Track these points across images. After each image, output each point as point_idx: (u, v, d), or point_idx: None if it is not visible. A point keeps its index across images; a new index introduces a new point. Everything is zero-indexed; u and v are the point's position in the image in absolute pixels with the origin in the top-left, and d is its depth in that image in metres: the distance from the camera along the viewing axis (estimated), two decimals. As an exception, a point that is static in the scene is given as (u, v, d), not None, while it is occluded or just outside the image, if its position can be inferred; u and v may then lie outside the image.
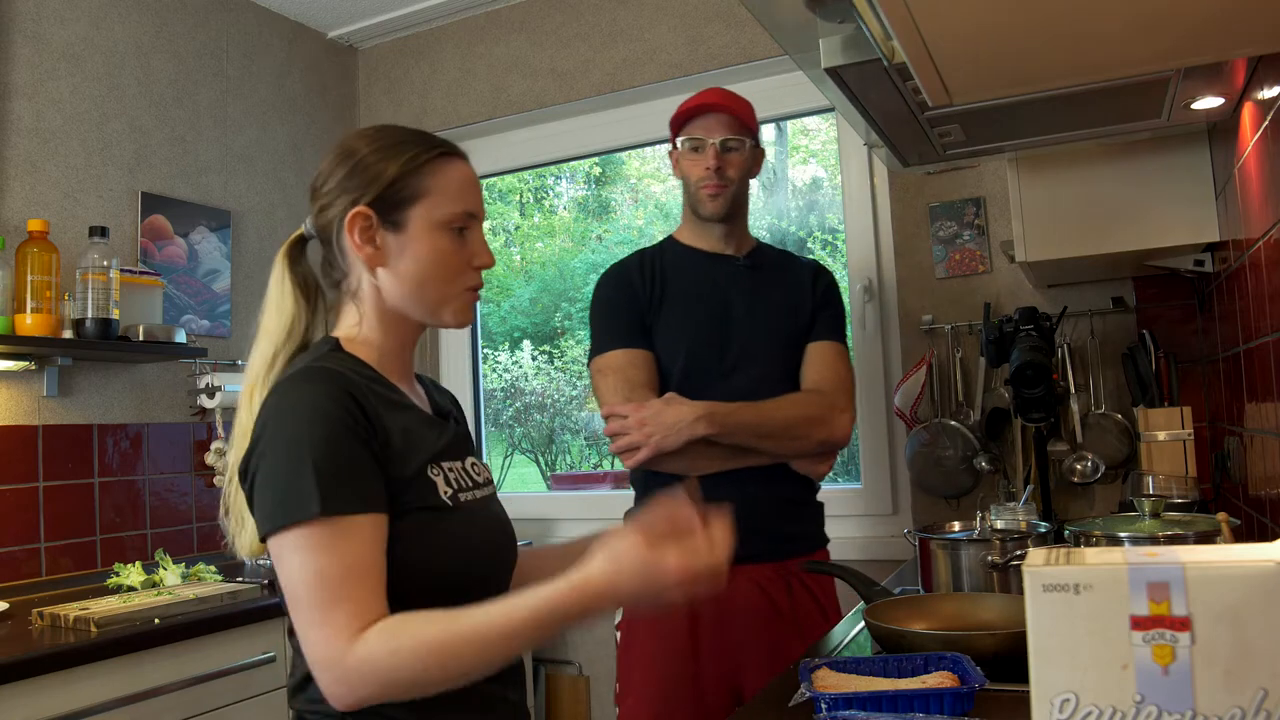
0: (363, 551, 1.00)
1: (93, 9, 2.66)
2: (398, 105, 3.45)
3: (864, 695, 1.02)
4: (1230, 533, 1.32)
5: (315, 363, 1.10)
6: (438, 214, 1.14)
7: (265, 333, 1.18)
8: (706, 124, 1.88)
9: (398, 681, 0.97)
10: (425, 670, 0.97)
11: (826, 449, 1.87)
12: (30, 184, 2.48)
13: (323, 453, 1.00)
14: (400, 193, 1.13)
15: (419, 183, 1.14)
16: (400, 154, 1.14)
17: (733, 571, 1.79)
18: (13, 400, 2.40)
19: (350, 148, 1.16)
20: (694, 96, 1.94)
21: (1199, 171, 1.92)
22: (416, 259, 1.14)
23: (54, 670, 1.74)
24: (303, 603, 0.98)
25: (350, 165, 1.15)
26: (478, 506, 1.17)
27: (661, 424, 1.75)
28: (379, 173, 1.13)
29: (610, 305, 1.93)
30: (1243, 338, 1.74)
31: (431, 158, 1.15)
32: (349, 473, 1.01)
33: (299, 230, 1.21)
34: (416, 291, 1.15)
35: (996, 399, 2.45)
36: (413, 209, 1.13)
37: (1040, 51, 1.16)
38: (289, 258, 1.20)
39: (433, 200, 1.14)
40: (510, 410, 3.70)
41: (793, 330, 1.92)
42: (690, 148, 1.90)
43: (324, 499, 0.98)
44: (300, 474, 0.99)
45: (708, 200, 1.89)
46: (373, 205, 1.13)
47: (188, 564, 2.42)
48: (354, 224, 1.13)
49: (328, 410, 1.03)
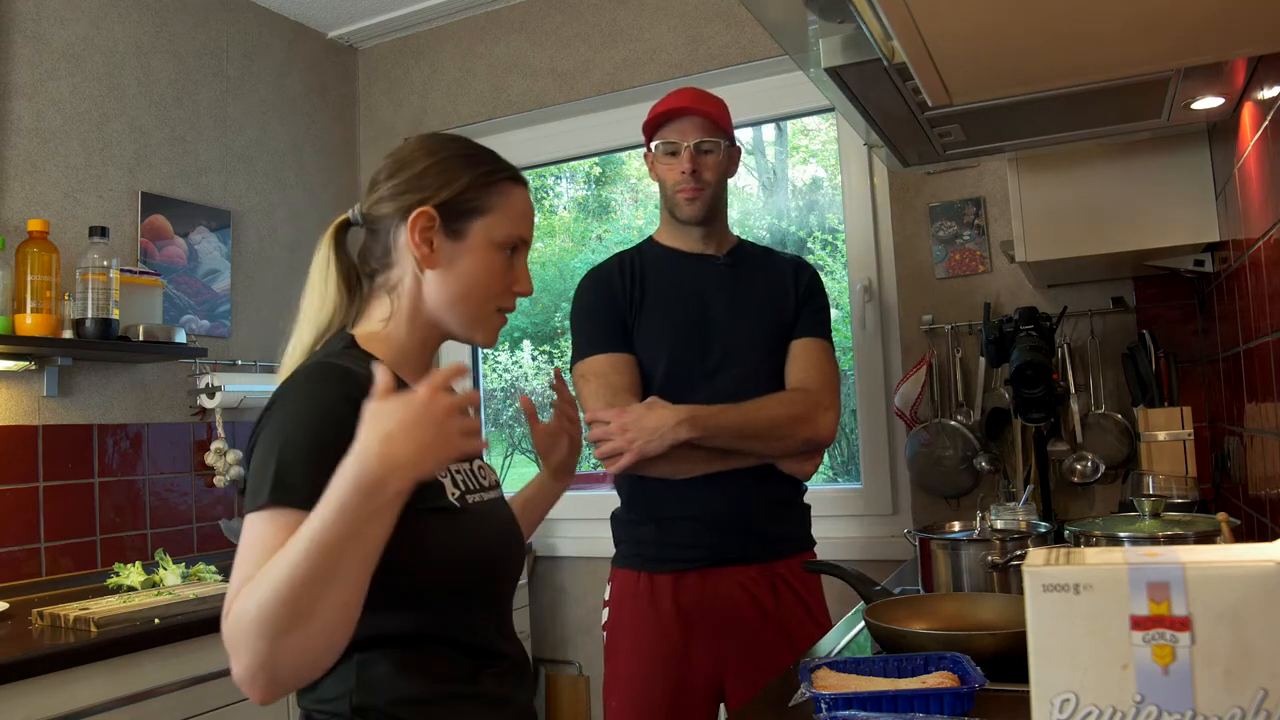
0: None
1: (93, 9, 2.66)
2: (398, 105, 3.45)
3: (864, 695, 1.02)
4: (1230, 533, 1.32)
5: (327, 359, 1.10)
6: (497, 232, 1.18)
7: (307, 320, 1.18)
8: (681, 127, 1.87)
9: (260, 621, 0.91)
10: (274, 592, 0.90)
11: (811, 448, 1.86)
12: (30, 184, 2.48)
13: (296, 448, 1.01)
14: (468, 203, 1.16)
15: (487, 198, 1.17)
16: (476, 166, 1.18)
17: (718, 573, 1.82)
18: (13, 400, 2.40)
19: (428, 147, 1.19)
20: (666, 99, 1.92)
21: (1199, 171, 1.92)
22: (468, 270, 1.17)
23: (54, 670, 1.74)
24: (234, 578, 0.97)
25: (425, 165, 1.17)
26: (485, 509, 1.17)
27: (644, 429, 1.75)
28: (452, 179, 1.16)
29: (590, 310, 1.93)
30: (1243, 338, 1.74)
31: (503, 178, 1.19)
32: (313, 473, 0.97)
33: (344, 215, 1.21)
34: (458, 302, 1.17)
35: (996, 399, 2.45)
36: (476, 221, 1.16)
37: (1040, 51, 1.16)
38: (335, 242, 1.20)
39: (495, 218, 1.17)
40: (510, 410, 3.70)
41: (775, 328, 1.91)
42: (665, 151, 1.89)
43: (274, 489, 0.98)
44: (268, 465, 1.00)
45: (685, 204, 1.89)
46: (439, 208, 1.15)
47: (188, 564, 2.42)
48: (417, 222, 1.14)
49: (321, 412, 1.03)
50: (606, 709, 1.87)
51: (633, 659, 1.83)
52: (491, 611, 1.17)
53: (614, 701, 1.85)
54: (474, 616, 1.11)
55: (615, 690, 1.85)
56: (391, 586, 1.04)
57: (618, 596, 1.89)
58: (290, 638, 0.92)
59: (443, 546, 1.09)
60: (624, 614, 1.86)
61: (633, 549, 1.89)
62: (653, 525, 1.86)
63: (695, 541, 1.82)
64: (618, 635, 1.87)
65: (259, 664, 0.93)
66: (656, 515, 1.85)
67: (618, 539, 1.94)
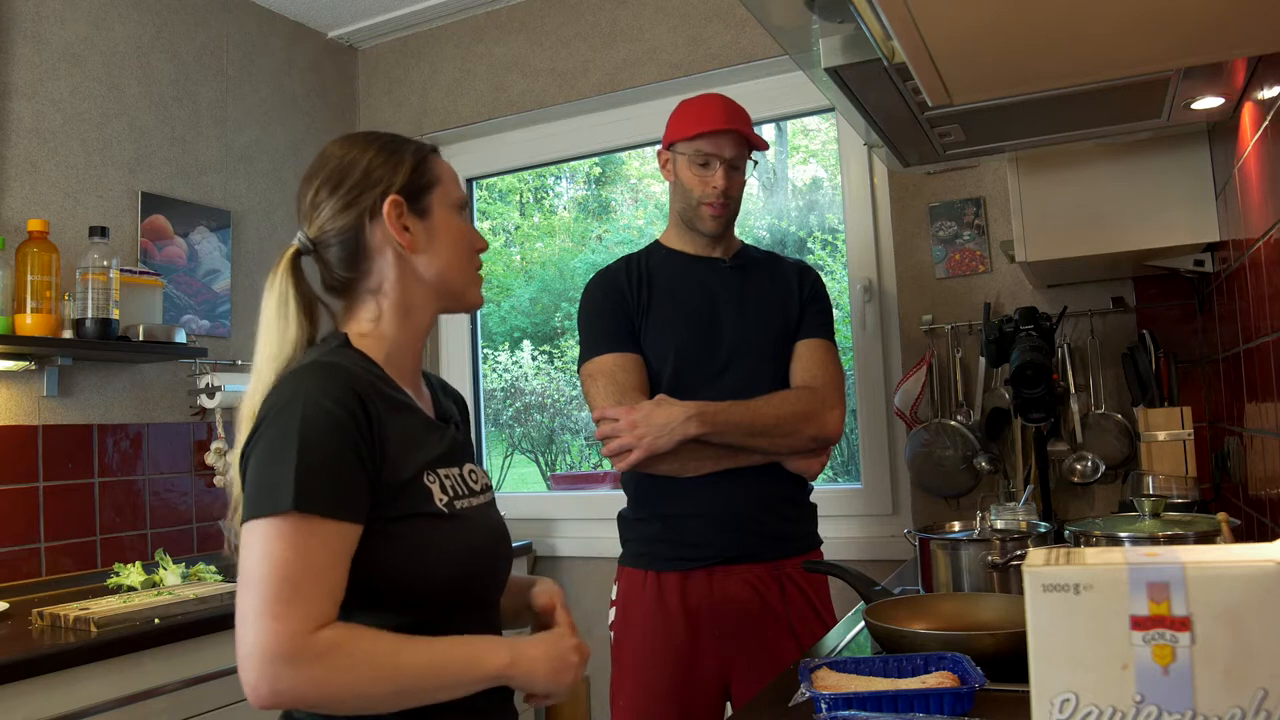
0: (325, 555, 1.00)
1: (93, 9, 2.66)
2: (398, 105, 3.45)
3: (864, 695, 1.02)
4: (1230, 533, 1.32)
5: (325, 358, 1.10)
6: (450, 197, 1.22)
7: (268, 359, 1.12)
8: (719, 142, 1.86)
9: (340, 687, 0.98)
10: (369, 684, 0.98)
11: (818, 445, 1.87)
12: (30, 184, 2.48)
13: (310, 449, 1.00)
14: (421, 179, 1.19)
15: (430, 170, 1.21)
16: (406, 146, 1.21)
17: (725, 571, 1.82)
18: (13, 400, 2.40)
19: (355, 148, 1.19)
20: (707, 109, 1.89)
21: (1199, 171, 1.92)
22: (446, 239, 1.20)
23: (54, 670, 1.74)
24: (261, 590, 0.97)
25: (366, 162, 1.17)
26: (474, 514, 1.16)
27: (653, 425, 1.76)
28: (398, 163, 1.18)
29: (599, 310, 1.93)
30: (1243, 338, 1.74)
31: (428, 150, 1.23)
32: (331, 474, 1.01)
33: (293, 247, 1.17)
34: (449, 271, 1.20)
35: (996, 399, 2.45)
36: (432, 194, 1.20)
37: (1040, 51, 1.16)
38: (291, 276, 1.15)
39: (443, 186, 1.22)
40: (510, 410, 3.70)
41: (781, 329, 1.92)
42: (697, 162, 1.88)
43: (298, 495, 0.98)
44: (283, 467, 0.99)
45: (710, 218, 1.89)
46: (400, 193, 1.17)
47: (188, 564, 2.42)
48: (390, 213, 1.16)
49: (328, 409, 1.02)
50: (613, 707, 1.87)
51: (641, 658, 1.83)
52: (479, 617, 1.17)
53: (621, 700, 1.85)
54: (461, 622, 1.11)
55: (622, 689, 1.85)
56: (380, 591, 1.05)
57: (625, 595, 1.89)
58: (335, 700, 0.99)
59: (430, 551, 1.09)
60: (632, 613, 1.86)
61: (640, 548, 1.89)
62: (660, 524, 1.86)
63: (703, 540, 1.83)
64: (625, 634, 1.87)
65: (275, 697, 0.97)
66: (664, 514, 1.86)
67: (624, 538, 1.94)
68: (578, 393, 3.62)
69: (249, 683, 0.96)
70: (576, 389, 3.63)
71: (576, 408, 3.65)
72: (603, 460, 3.56)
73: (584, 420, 3.63)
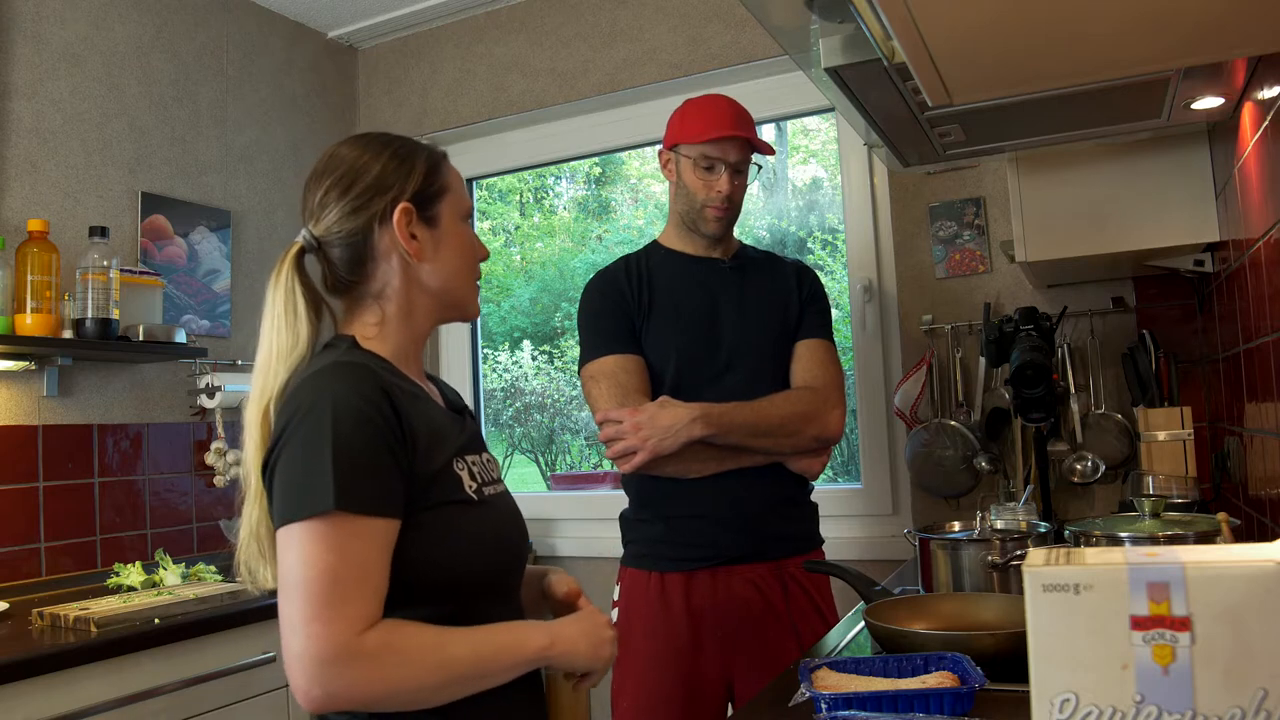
0: (371, 553, 1.00)
1: (93, 9, 2.66)
2: (398, 105, 3.45)
3: (864, 695, 1.02)
4: (1230, 533, 1.32)
5: (343, 358, 1.09)
6: (459, 207, 1.22)
7: (279, 355, 1.11)
8: (724, 147, 1.86)
9: (393, 684, 0.97)
10: (420, 678, 0.99)
11: (821, 444, 1.88)
12: (30, 184, 2.48)
13: (345, 448, 0.99)
14: (431, 187, 1.18)
15: (442, 178, 1.20)
16: (418, 153, 1.19)
17: (728, 571, 1.82)
18: (13, 400, 2.40)
19: (368, 151, 1.17)
20: (714, 113, 1.88)
21: (1199, 171, 1.92)
22: (451, 250, 1.20)
23: (54, 670, 1.74)
24: (306, 595, 0.96)
25: (379, 166, 1.16)
26: (498, 501, 1.18)
27: (658, 427, 1.75)
28: (411, 169, 1.17)
29: (599, 311, 1.92)
30: (1243, 338, 1.74)
31: (440, 156, 1.22)
32: (369, 472, 1.01)
33: (297, 245, 1.16)
34: (451, 282, 1.20)
35: (996, 399, 2.45)
36: (442, 203, 1.19)
37: (1040, 51, 1.16)
38: (298, 273, 1.15)
39: (453, 194, 1.21)
40: (510, 410, 3.70)
41: (781, 330, 1.93)
42: (703, 166, 1.87)
43: (340, 494, 0.97)
44: (320, 467, 0.98)
45: (714, 221, 1.90)
46: (411, 201, 1.16)
47: (188, 564, 2.42)
48: (402, 220, 1.15)
49: (357, 407, 1.02)
50: (615, 708, 1.86)
51: (643, 659, 1.83)
52: (504, 605, 1.17)
53: (624, 701, 1.85)
54: (488, 611, 1.11)
55: (625, 689, 1.85)
56: (412, 584, 1.04)
57: (627, 596, 1.89)
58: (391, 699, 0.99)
59: (460, 538, 1.09)
60: (634, 614, 1.86)
61: (643, 549, 1.89)
62: (664, 525, 1.86)
63: (707, 540, 1.83)
64: (628, 635, 1.87)
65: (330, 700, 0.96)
66: (667, 515, 1.86)
67: (627, 539, 1.94)
68: (578, 393, 3.62)
69: (300, 687, 0.95)
70: (576, 389, 3.63)
71: (576, 408, 3.65)
72: (603, 460, 3.56)
73: (584, 420, 3.63)
